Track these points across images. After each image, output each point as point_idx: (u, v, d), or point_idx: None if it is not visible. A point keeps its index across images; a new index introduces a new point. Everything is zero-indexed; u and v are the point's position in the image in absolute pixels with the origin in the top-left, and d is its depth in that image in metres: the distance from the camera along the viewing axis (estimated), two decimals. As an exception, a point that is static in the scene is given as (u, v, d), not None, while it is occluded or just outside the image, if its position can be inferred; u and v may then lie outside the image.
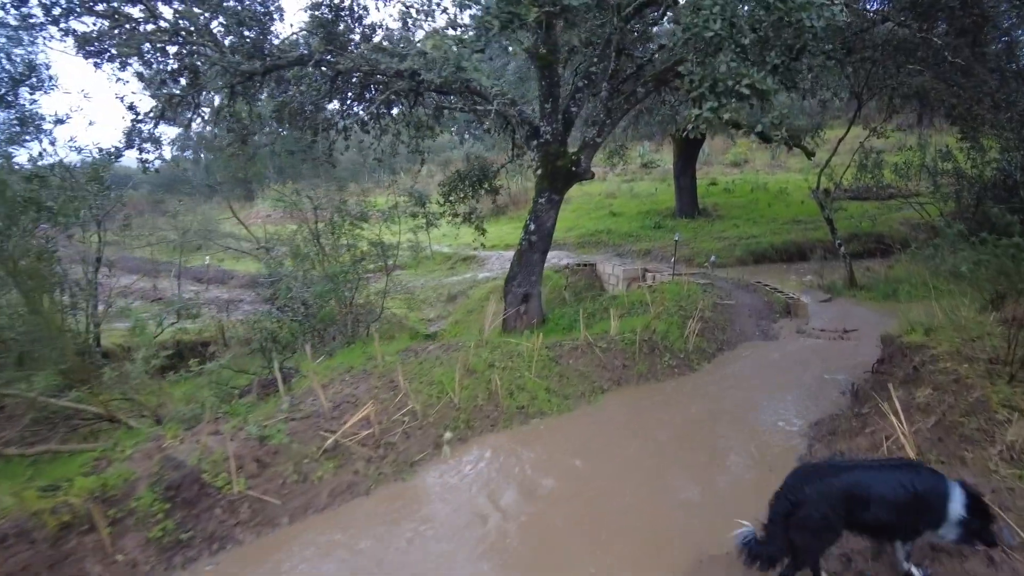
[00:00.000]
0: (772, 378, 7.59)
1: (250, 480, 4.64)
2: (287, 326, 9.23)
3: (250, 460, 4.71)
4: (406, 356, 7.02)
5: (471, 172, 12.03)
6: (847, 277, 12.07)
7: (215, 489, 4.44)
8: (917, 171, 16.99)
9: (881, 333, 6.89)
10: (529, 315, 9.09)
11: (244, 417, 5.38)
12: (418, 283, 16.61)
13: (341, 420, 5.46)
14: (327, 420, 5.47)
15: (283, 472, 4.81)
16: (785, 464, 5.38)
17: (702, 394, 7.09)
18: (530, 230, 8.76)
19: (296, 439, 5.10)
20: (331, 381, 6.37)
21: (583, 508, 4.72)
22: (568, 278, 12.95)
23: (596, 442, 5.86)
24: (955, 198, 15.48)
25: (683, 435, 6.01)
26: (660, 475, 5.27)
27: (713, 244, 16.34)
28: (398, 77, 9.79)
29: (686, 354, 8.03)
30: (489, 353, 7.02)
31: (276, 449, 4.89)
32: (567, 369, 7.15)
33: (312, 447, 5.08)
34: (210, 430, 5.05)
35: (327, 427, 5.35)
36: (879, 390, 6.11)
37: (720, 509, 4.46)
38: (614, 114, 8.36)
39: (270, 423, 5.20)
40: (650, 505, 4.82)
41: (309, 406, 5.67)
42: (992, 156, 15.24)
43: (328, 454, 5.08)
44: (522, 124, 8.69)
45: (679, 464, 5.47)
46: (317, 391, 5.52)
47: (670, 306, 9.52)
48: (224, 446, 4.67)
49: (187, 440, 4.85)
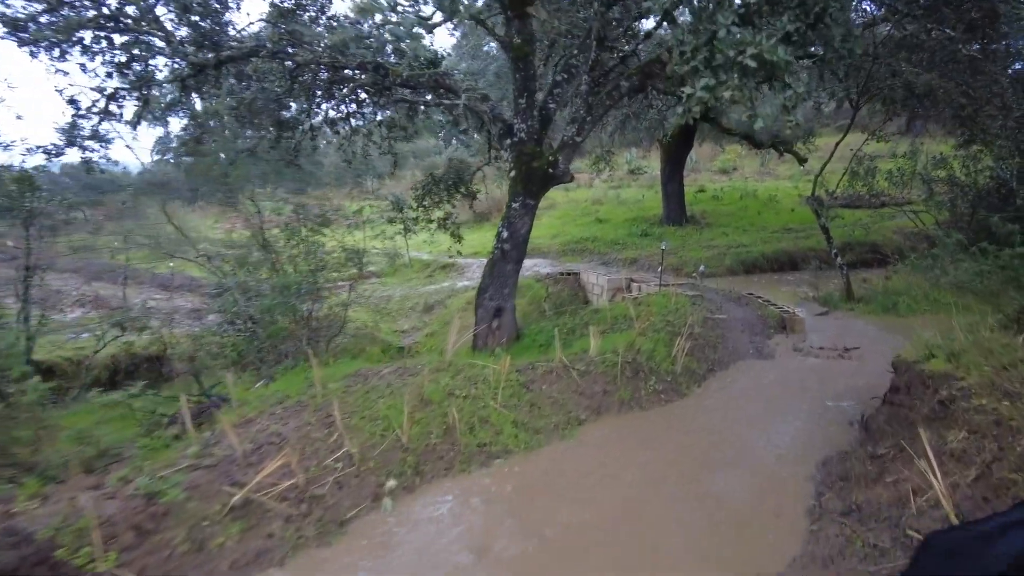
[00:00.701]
0: (769, 405, 6.66)
1: (126, 553, 3.62)
2: (234, 342, 8.20)
3: (127, 527, 3.68)
4: (352, 383, 6.01)
5: (446, 175, 11.06)
6: (844, 289, 11.22)
7: (74, 570, 3.42)
8: (910, 178, 16.33)
9: (893, 358, 5.98)
10: (502, 331, 8.13)
11: (139, 464, 4.36)
12: (394, 292, 15.60)
13: (260, 467, 4.44)
14: (242, 468, 4.45)
15: (172, 540, 3.79)
16: (793, 518, 4.46)
17: (692, 426, 6.15)
18: (503, 238, 7.80)
19: (196, 494, 4.08)
20: (259, 415, 5.35)
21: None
22: (548, 289, 11.99)
23: (568, 488, 4.89)
24: (949, 206, 14.82)
25: (670, 479, 5.06)
26: (642, 532, 4.31)
27: (701, 253, 15.48)
28: (361, 70, 8.83)
29: (674, 377, 7.09)
30: (450, 379, 6.03)
31: (166, 509, 3.86)
32: (539, 397, 6.17)
33: (215, 504, 4.07)
34: (89, 484, 4.02)
35: (240, 477, 4.34)
36: (896, 426, 5.21)
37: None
38: (595, 111, 7.46)
39: (168, 473, 4.18)
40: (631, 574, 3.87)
41: (224, 449, 4.65)
42: (986, 164, 14.60)
43: (235, 513, 4.07)
44: (495, 121, 7.76)
45: (665, 519, 4.51)
46: (228, 433, 4.50)
47: (656, 321, 8.59)
48: (99, 507, 3.65)
49: (52, 500, 3.81)
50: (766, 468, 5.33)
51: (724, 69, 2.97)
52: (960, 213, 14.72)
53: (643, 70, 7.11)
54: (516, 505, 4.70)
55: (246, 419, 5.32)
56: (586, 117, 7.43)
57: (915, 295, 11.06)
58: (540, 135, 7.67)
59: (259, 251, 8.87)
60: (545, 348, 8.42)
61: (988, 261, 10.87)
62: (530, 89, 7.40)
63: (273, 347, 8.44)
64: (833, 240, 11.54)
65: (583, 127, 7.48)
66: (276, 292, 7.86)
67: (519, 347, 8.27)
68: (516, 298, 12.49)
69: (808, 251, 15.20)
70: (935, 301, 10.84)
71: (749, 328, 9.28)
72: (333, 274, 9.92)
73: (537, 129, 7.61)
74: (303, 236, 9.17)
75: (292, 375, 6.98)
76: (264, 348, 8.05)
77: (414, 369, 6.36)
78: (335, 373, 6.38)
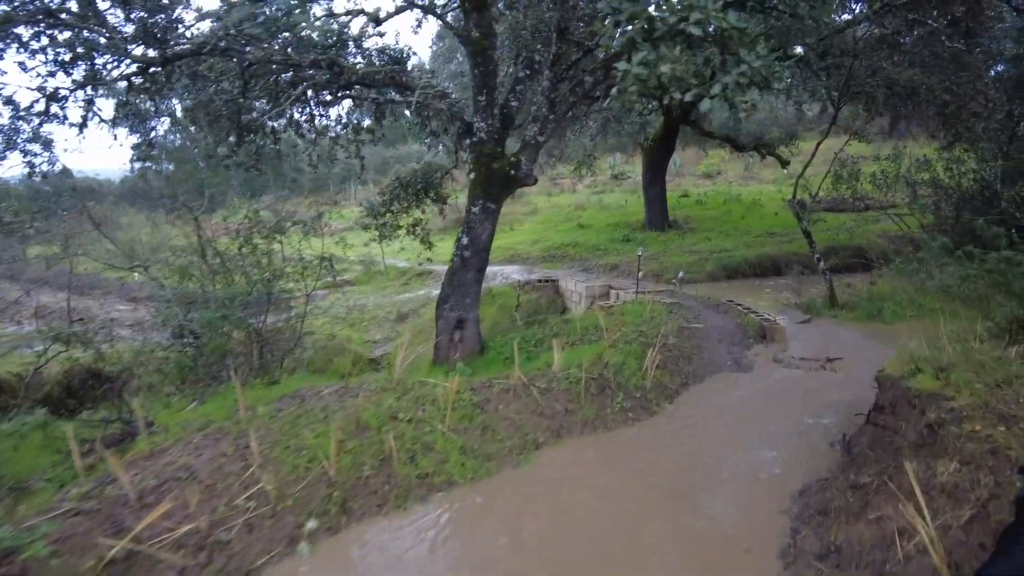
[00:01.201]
0: (745, 423, 6.11)
1: (-34, 625, 3.00)
2: (177, 359, 7.56)
3: (-32, 594, 3.06)
4: (285, 405, 5.40)
5: (414, 180, 10.49)
6: (827, 295, 10.73)
7: None
8: (893, 181, 15.98)
9: (877, 372, 5.46)
10: (465, 344, 7.55)
11: (12, 505, 3.73)
12: (368, 301, 14.98)
13: (156, 508, 3.83)
14: (134, 511, 3.84)
15: (28, 607, 3.17)
16: (764, 560, 3.90)
17: (659, 448, 5.58)
18: (462, 244, 7.23)
19: (68, 547, 3.46)
20: (174, 444, 4.73)
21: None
22: (520, 297, 11.42)
23: (513, 526, 4.30)
24: (933, 209, 14.46)
25: (629, 513, 4.48)
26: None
27: (683, 258, 14.99)
28: (315, 68, 8.26)
29: (643, 393, 6.53)
30: (395, 400, 5.44)
31: (21, 569, 3.24)
32: (494, 418, 5.59)
33: (90, 559, 3.44)
34: (-59, 536, 3.38)
35: (131, 522, 3.72)
36: (880, 451, 4.67)
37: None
38: (558, 108, 6.93)
39: (38, 521, 3.55)
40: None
41: (119, 488, 4.03)
42: (969, 166, 14.25)
43: (114, 569, 3.45)
44: (453, 120, 7.22)
45: (621, 561, 3.93)
46: (115, 469, 3.88)
47: (629, 331, 8.04)
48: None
49: None
50: (738, 498, 4.77)
51: (664, 40, 2.44)
52: (944, 216, 14.37)
53: (607, 64, 6.58)
54: (454, 546, 4.11)
55: (159, 449, 4.71)
56: (548, 115, 6.89)
57: (900, 301, 10.59)
58: (501, 135, 7.13)
59: (200, 260, 8.21)
60: (511, 362, 7.82)
61: (974, 265, 10.46)
62: (489, 85, 6.86)
63: (220, 363, 7.80)
64: (815, 244, 11.07)
65: (545, 126, 6.94)
66: (218, 304, 7.23)
67: (483, 361, 7.69)
68: (485, 307, 11.92)
69: (791, 256, 14.75)
70: (921, 307, 10.38)
71: (727, 338, 8.75)
72: (290, 284, 9.31)
73: (498, 128, 7.07)
74: (254, 244, 8.55)
75: (226, 396, 6.34)
76: (207, 364, 7.41)
77: (358, 388, 5.77)
78: (270, 395, 5.77)
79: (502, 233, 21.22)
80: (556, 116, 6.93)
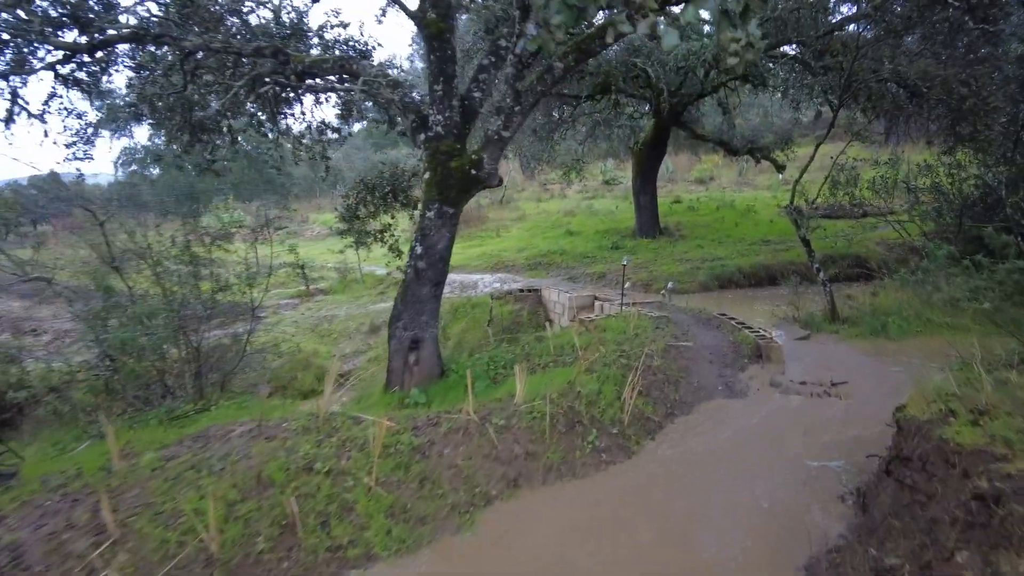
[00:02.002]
0: (737, 467, 5.10)
1: None
2: (88, 383, 6.53)
3: None
4: (180, 451, 4.37)
5: (380, 182, 9.49)
6: (827, 308, 9.74)
7: None
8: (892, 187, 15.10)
9: (896, 412, 4.46)
10: (422, 367, 6.53)
11: None
12: (340, 311, 13.94)
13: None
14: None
15: None
16: None
17: (635, 502, 4.56)
18: (416, 254, 6.22)
19: None
20: (18, 508, 3.69)
21: None
22: (492, 311, 10.39)
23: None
24: (934, 216, 13.57)
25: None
26: None
27: (674, 267, 14.02)
28: (259, 56, 7.27)
29: (621, 428, 5.51)
30: (312, 446, 4.40)
31: None
32: (436, 467, 4.57)
33: None
34: None
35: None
36: (908, 519, 3.66)
37: None
38: (525, 99, 5.95)
39: None
40: None
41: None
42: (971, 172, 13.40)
43: None
44: (406, 112, 6.23)
45: None
46: None
47: (608, 351, 7.04)
48: None
49: None
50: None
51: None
52: (946, 223, 13.49)
53: (579, 47, 5.62)
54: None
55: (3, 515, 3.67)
56: (514, 107, 5.90)
57: (906, 314, 9.60)
58: (462, 130, 6.14)
59: (110, 270, 7.18)
60: (485, 387, 6.81)
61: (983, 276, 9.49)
62: (447, 73, 5.88)
63: (146, 387, 6.78)
64: (815, 254, 10.08)
65: (510, 118, 5.95)
66: (134, 321, 6.20)
67: (442, 386, 6.67)
68: (455, 321, 10.91)
69: (787, 264, 13.79)
70: (928, 321, 9.40)
71: (719, 358, 7.74)
72: (254, 294, 8.27)
73: (457, 122, 6.07)
74: (193, 253, 7.52)
75: (133, 432, 5.28)
76: (126, 388, 6.38)
77: (276, 428, 4.74)
78: (168, 437, 4.73)
79: (488, 240, 20.26)
80: (522, 108, 5.94)
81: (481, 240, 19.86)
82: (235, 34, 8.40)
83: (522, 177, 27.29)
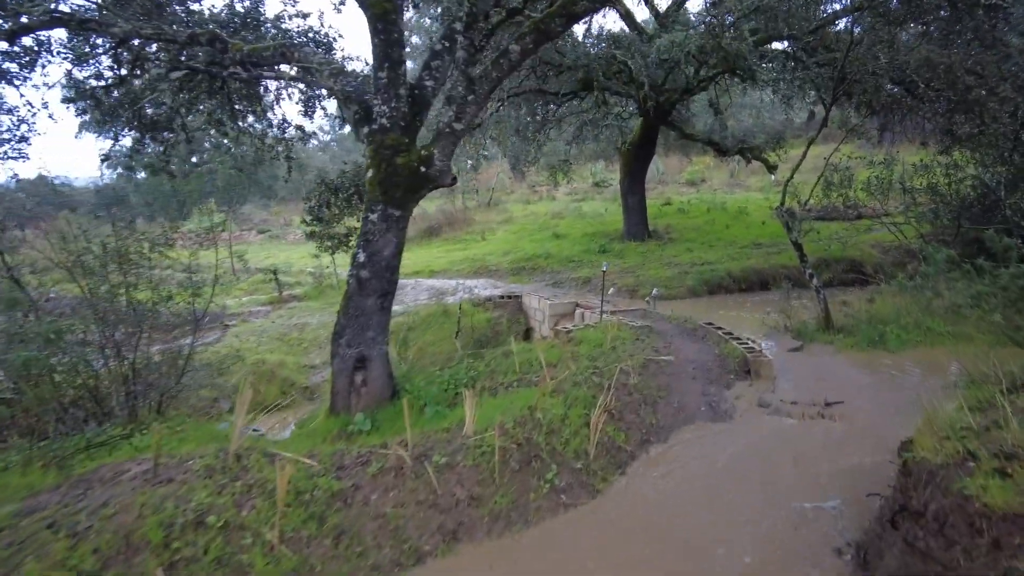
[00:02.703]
0: (718, 508, 4.35)
1: None
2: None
3: None
4: (44, 503, 3.60)
5: (343, 183, 8.75)
6: (821, 316, 9.02)
7: None
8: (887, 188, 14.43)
9: (901, 450, 3.72)
10: (369, 389, 5.77)
11: None
12: (313, 319, 13.16)
13: None
14: None
15: None
16: None
17: (595, 556, 3.81)
18: (359, 262, 5.47)
19: None
20: None
21: None
22: (461, 320, 9.63)
23: None
24: (931, 218, 12.90)
25: None
26: None
27: (662, 271, 13.30)
28: (194, 44, 6.52)
29: (587, 462, 4.76)
30: (210, 494, 3.65)
31: None
32: (360, 517, 3.81)
33: None
34: None
35: None
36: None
37: None
38: (479, 86, 5.22)
39: None
40: None
41: None
42: (968, 172, 12.75)
43: None
44: (348, 102, 5.49)
45: None
46: None
47: (580, 368, 6.30)
48: None
49: None
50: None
51: None
52: (943, 225, 12.83)
53: (537, 27, 4.89)
54: None
55: None
56: (467, 96, 5.17)
57: (905, 323, 8.88)
58: (411, 122, 5.39)
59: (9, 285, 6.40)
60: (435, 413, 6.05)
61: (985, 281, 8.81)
62: (392, 59, 5.14)
63: (61, 411, 6.01)
64: (807, 258, 9.35)
65: (463, 108, 5.21)
66: (40, 339, 5.44)
67: (393, 410, 5.90)
68: (424, 331, 10.15)
69: (779, 268, 13.09)
70: (929, 330, 8.67)
71: (703, 373, 7.00)
72: (172, 302, 7.49)
73: (405, 113, 5.33)
74: (127, 259, 6.76)
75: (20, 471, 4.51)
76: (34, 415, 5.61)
77: (175, 469, 3.98)
78: (47, 480, 3.97)
79: (472, 243, 19.51)
80: (476, 97, 5.20)
81: (465, 243, 19.12)
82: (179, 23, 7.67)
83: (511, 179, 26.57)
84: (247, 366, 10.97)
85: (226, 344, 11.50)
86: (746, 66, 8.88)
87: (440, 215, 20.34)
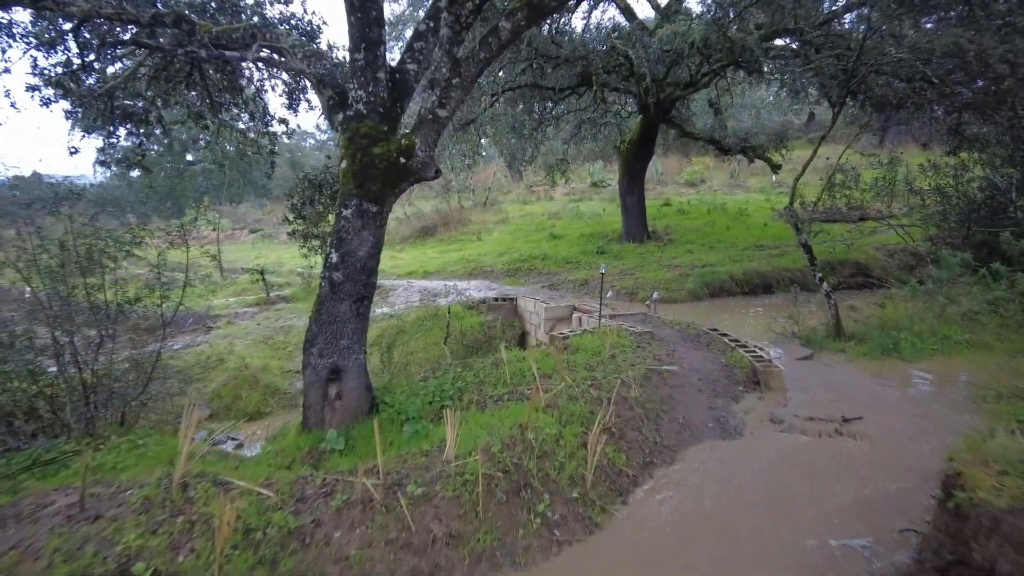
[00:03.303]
0: (730, 547, 3.78)
1: None
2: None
3: None
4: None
5: (327, 179, 8.17)
6: (831, 323, 8.47)
7: None
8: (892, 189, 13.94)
9: (946, 483, 3.16)
10: (344, 403, 5.19)
11: None
12: (300, 321, 12.58)
13: None
14: None
15: None
16: None
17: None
18: (331, 263, 4.89)
19: None
20: None
21: None
22: (450, 325, 9.04)
23: None
24: (939, 220, 12.40)
25: None
26: None
27: (662, 273, 12.75)
28: (158, 25, 5.93)
29: (583, 491, 4.19)
30: (137, 536, 3.07)
31: None
32: (319, 560, 3.24)
33: None
34: None
35: None
36: None
37: None
38: (465, 68, 4.65)
39: None
40: None
41: None
42: (976, 173, 12.27)
43: None
44: (323, 87, 4.93)
45: None
46: None
47: (577, 380, 5.73)
48: None
49: None
50: None
51: None
52: (951, 227, 12.33)
53: (530, 2, 4.33)
54: None
55: None
56: (451, 79, 4.60)
57: (919, 330, 8.33)
58: (390, 108, 4.82)
59: None
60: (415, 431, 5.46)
61: (1003, 286, 8.28)
62: (370, 39, 4.57)
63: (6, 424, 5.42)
64: (817, 261, 8.80)
65: (447, 94, 4.64)
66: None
67: (370, 426, 5.32)
68: (411, 337, 9.58)
69: (782, 271, 12.56)
70: (945, 338, 8.12)
71: (709, 385, 6.45)
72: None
73: (384, 99, 4.75)
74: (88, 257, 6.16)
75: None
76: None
77: (108, 502, 3.40)
78: None
79: (468, 243, 18.92)
80: (462, 81, 4.64)
81: (460, 244, 18.53)
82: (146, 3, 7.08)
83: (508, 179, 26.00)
84: (228, 371, 10.39)
85: (210, 347, 10.92)
86: (752, 58, 8.33)
87: (435, 215, 19.77)
